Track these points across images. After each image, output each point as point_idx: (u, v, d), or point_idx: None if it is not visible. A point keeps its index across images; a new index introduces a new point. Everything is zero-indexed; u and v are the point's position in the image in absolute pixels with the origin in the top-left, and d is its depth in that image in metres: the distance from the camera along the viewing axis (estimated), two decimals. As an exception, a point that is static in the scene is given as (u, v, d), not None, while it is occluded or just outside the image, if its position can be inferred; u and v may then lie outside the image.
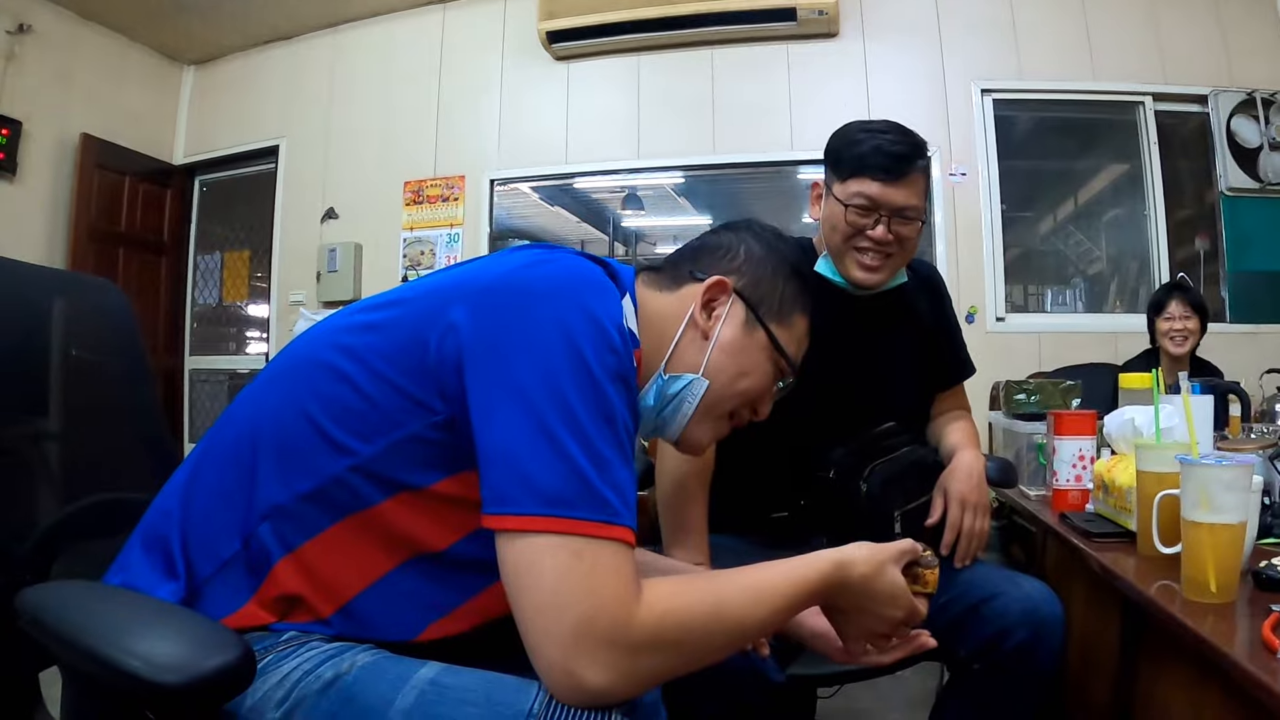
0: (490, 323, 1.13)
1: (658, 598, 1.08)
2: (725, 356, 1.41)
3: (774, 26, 6.29)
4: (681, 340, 1.40)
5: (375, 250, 7.07)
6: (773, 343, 1.44)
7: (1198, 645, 1.32)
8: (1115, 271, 6.50)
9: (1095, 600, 2.10)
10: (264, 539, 1.16)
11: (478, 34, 7.05)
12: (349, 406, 1.17)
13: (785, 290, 1.47)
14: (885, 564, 1.34)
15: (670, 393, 1.40)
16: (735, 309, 1.42)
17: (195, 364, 7.86)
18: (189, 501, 1.22)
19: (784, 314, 1.46)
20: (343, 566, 1.17)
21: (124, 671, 0.91)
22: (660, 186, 7.20)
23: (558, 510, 1.03)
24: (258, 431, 1.22)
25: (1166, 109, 6.10)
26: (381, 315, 1.23)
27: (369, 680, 1.09)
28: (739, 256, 1.47)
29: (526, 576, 1.03)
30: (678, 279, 1.46)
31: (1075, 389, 3.28)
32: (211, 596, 1.16)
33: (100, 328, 1.66)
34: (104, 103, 7.11)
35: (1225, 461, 1.49)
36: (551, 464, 1.05)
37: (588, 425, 1.07)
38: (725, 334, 1.41)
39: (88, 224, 6.90)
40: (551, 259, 1.23)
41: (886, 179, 2.09)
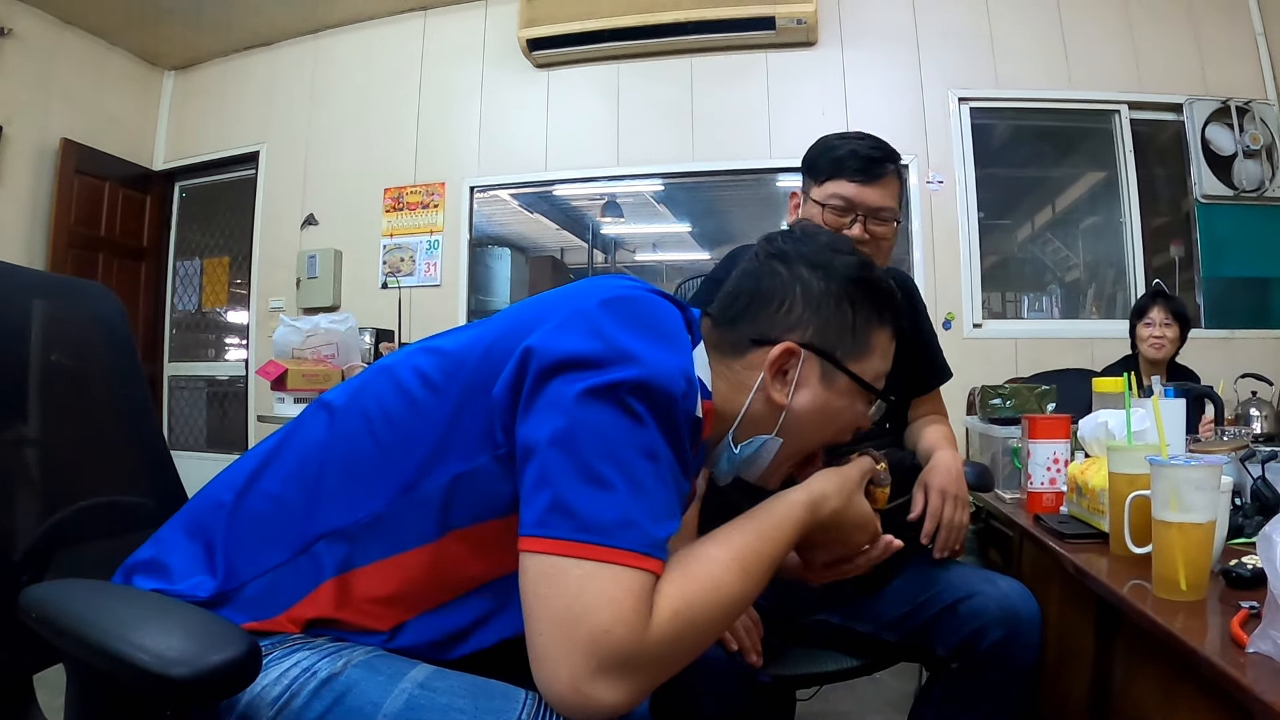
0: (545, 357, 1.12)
1: (668, 597, 1.08)
2: (805, 415, 1.36)
3: (753, 35, 6.31)
4: (751, 409, 1.35)
5: (355, 257, 7.07)
6: (857, 381, 1.38)
7: (1169, 642, 1.34)
8: (1092, 278, 6.54)
9: (1070, 601, 2.12)
10: (323, 555, 1.17)
11: (458, 41, 7.06)
12: (416, 432, 1.18)
13: (857, 316, 1.38)
14: (853, 493, 1.37)
15: (743, 458, 1.39)
16: (809, 365, 1.35)
17: (174, 370, 7.84)
18: (243, 503, 1.23)
19: (860, 344, 1.38)
20: (399, 592, 1.18)
21: (133, 665, 0.93)
22: (640, 194, 7.20)
23: (594, 537, 1.03)
24: (328, 450, 1.23)
25: (1142, 117, 6.15)
26: (460, 343, 1.24)
27: (361, 679, 1.10)
28: (797, 304, 1.36)
29: (546, 585, 1.03)
30: (739, 345, 1.37)
31: (1050, 394, 3.31)
32: (243, 601, 1.17)
33: (94, 332, 1.66)
34: (84, 107, 7.10)
35: (1194, 462, 1.52)
36: (592, 493, 1.05)
37: (629, 458, 1.08)
38: (801, 395, 1.35)
39: (68, 229, 6.88)
40: (630, 298, 1.21)
41: (862, 180, 2.14)
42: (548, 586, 1.03)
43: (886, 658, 2.11)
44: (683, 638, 1.07)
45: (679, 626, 1.06)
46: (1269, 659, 1.15)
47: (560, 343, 1.12)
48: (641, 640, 1.02)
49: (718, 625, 1.14)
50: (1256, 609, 1.30)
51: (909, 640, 2.01)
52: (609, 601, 1.01)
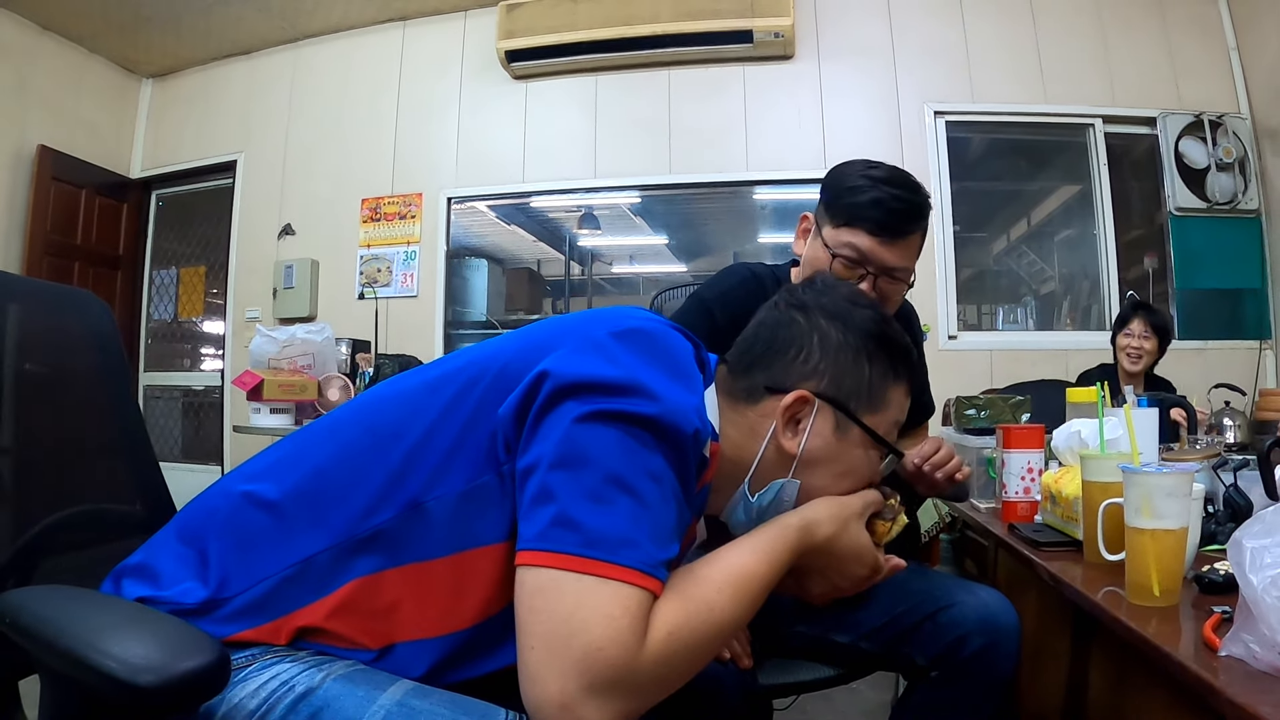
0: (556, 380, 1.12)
1: (663, 618, 1.08)
2: (818, 464, 1.35)
3: (731, 48, 6.34)
4: (764, 459, 1.35)
5: (332, 267, 7.06)
6: (870, 435, 1.37)
7: (1143, 647, 1.35)
8: (1066, 290, 6.59)
9: (1046, 609, 2.13)
10: (328, 565, 1.16)
11: (437, 52, 7.07)
12: (427, 452, 1.18)
13: (874, 371, 1.37)
14: (849, 522, 1.33)
15: (763, 505, 1.37)
16: (823, 415, 1.34)
17: (150, 380, 7.81)
18: (240, 512, 1.22)
19: (876, 398, 1.37)
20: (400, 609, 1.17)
21: (100, 672, 0.93)
22: (617, 206, 7.21)
23: (597, 553, 1.03)
24: (329, 461, 1.22)
25: (1116, 131, 6.22)
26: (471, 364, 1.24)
27: (339, 695, 1.08)
28: (814, 353, 1.36)
29: (542, 599, 1.03)
30: (753, 393, 1.36)
31: (1025, 404, 3.32)
32: (234, 610, 1.16)
33: (85, 340, 1.65)
34: (62, 114, 7.07)
35: (1166, 469, 1.53)
36: (596, 509, 1.05)
37: (635, 479, 1.08)
38: (814, 445, 1.34)
39: (44, 237, 6.84)
40: (647, 331, 1.21)
41: (881, 236, 2.00)
42: (544, 600, 1.03)
43: (864, 667, 2.08)
44: (676, 660, 1.07)
45: (673, 648, 1.06)
46: (1241, 662, 1.17)
47: (576, 366, 1.12)
48: (634, 660, 1.02)
49: (711, 647, 1.14)
50: (1229, 613, 1.31)
51: (888, 649, 1.98)
52: (605, 618, 1.01)
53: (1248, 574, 1.16)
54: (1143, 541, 1.50)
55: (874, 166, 2.06)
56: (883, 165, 2.07)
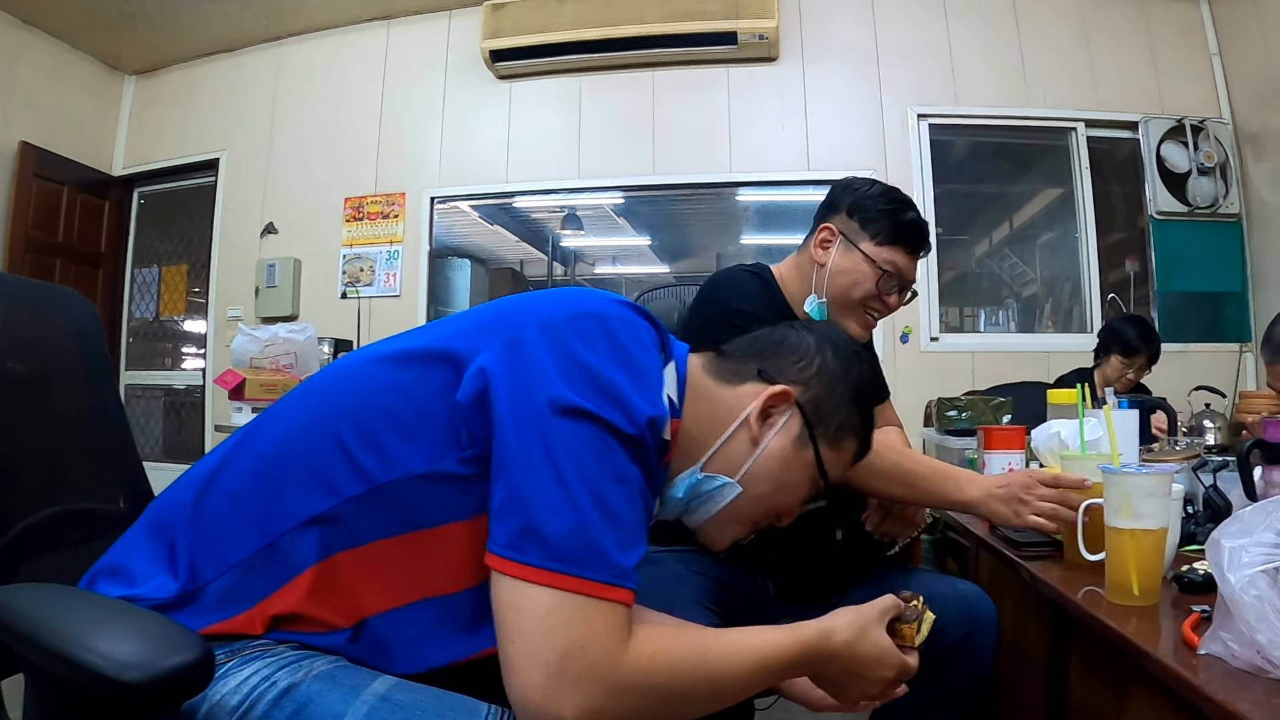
0: (516, 371, 1.12)
1: (649, 638, 1.09)
2: (768, 468, 1.36)
3: (715, 50, 6.34)
4: (729, 441, 1.35)
5: (315, 266, 7.04)
6: (819, 465, 1.38)
7: (1123, 646, 1.35)
8: (1048, 293, 6.61)
9: (1026, 609, 2.14)
10: (291, 547, 1.16)
11: (421, 51, 7.05)
12: (378, 429, 1.17)
13: (847, 416, 1.41)
14: (868, 626, 1.31)
15: (702, 490, 1.36)
16: (792, 422, 1.37)
17: (131, 379, 7.76)
18: (204, 501, 1.21)
19: (838, 437, 1.41)
20: (367, 584, 1.17)
21: (86, 669, 0.92)
22: (600, 207, 7.21)
23: (564, 566, 1.04)
24: (287, 446, 1.21)
25: (1098, 135, 6.25)
26: (425, 342, 1.23)
27: (322, 690, 1.08)
28: (812, 366, 1.40)
29: (520, 602, 1.04)
30: (741, 374, 1.39)
31: (1006, 405, 3.34)
32: (208, 600, 1.15)
33: (67, 338, 1.64)
34: (44, 110, 7.01)
35: (1146, 470, 1.54)
36: (563, 519, 1.05)
37: (602, 485, 1.08)
38: (774, 445, 1.36)
39: (24, 234, 6.79)
40: (594, 313, 1.21)
41: (915, 255, 2.20)
42: (520, 600, 1.04)
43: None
44: (658, 682, 1.08)
45: (656, 667, 1.07)
46: (1219, 660, 1.17)
47: (534, 359, 1.13)
48: (616, 663, 1.04)
49: (697, 689, 1.13)
50: (1208, 612, 1.32)
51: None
52: (584, 622, 1.03)
53: (1226, 573, 1.17)
54: (1122, 541, 1.51)
55: (889, 190, 2.25)
56: (893, 188, 2.27)
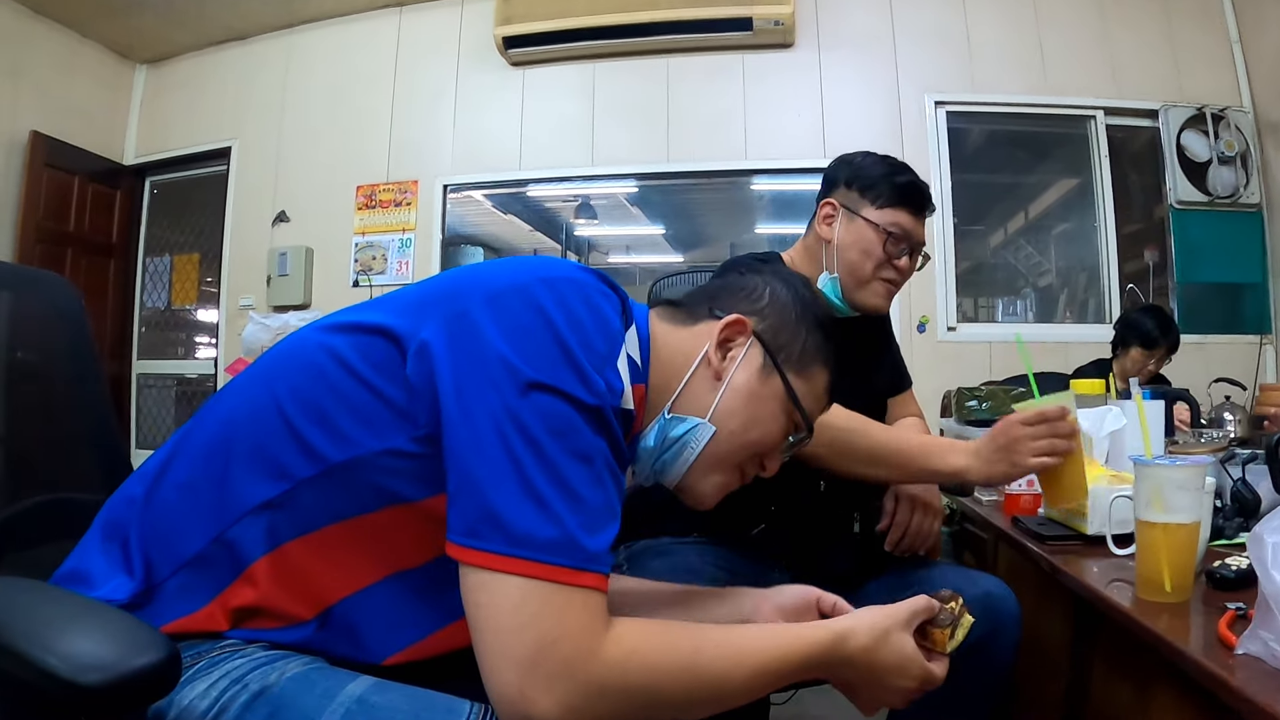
0: (461, 346, 1.08)
1: (627, 634, 1.05)
2: (737, 402, 1.31)
3: (730, 36, 6.29)
4: (692, 380, 1.31)
5: (326, 255, 7.01)
6: (789, 393, 1.34)
7: (1155, 644, 1.32)
8: (1065, 283, 6.56)
9: (1048, 604, 2.11)
10: (242, 538, 1.12)
11: (433, 38, 7.02)
12: (327, 409, 1.13)
13: (808, 340, 1.38)
14: (890, 631, 1.25)
15: (672, 435, 1.31)
16: (753, 352, 1.34)
17: (143, 368, 7.76)
18: (154, 495, 1.18)
19: (804, 364, 1.37)
20: (325, 571, 1.14)
21: (42, 670, 0.89)
22: (614, 195, 7.19)
23: (527, 552, 1.00)
24: (233, 430, 1.18)
25: (1117, 123, 6.18)
26: (370, 319, 1.18)
27: (296, 693, 1.05)
28: (763, 299, 1.39)
29: (488, 599, 1.00)
30: (695, 315, 1.38)
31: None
32: (166, 598, 1.13)
33: (51, 324, 1.61)
34: (55, 100, 7.00)
35: (1179, 462, 1.50)
36: (521, 502, 1.01)
37: (561, 463, 1.04)
38: (739, 378, 1.32)
39: (35, 224, 6.78)
40: (545, 279, 1.15)
41: (918, 215, 2.20)
42: (488, 596, 1.01)
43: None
44: (636, 681, 1.03)
45: (634, 665, 1.03)
46: (1258, 660, 1.14)
47: (479, 332, 1.09)
48: (590, 659, 1.00)
49: (685, 693, 1.08)
50: (1244, 610, 1.29)
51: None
52: (554, 612, 1.00)
53: (1270, 570, 1.13)
54: (1154, 535, 1.47)
55: (884, 157, 2.26)
56: (887, 155, 2.27)
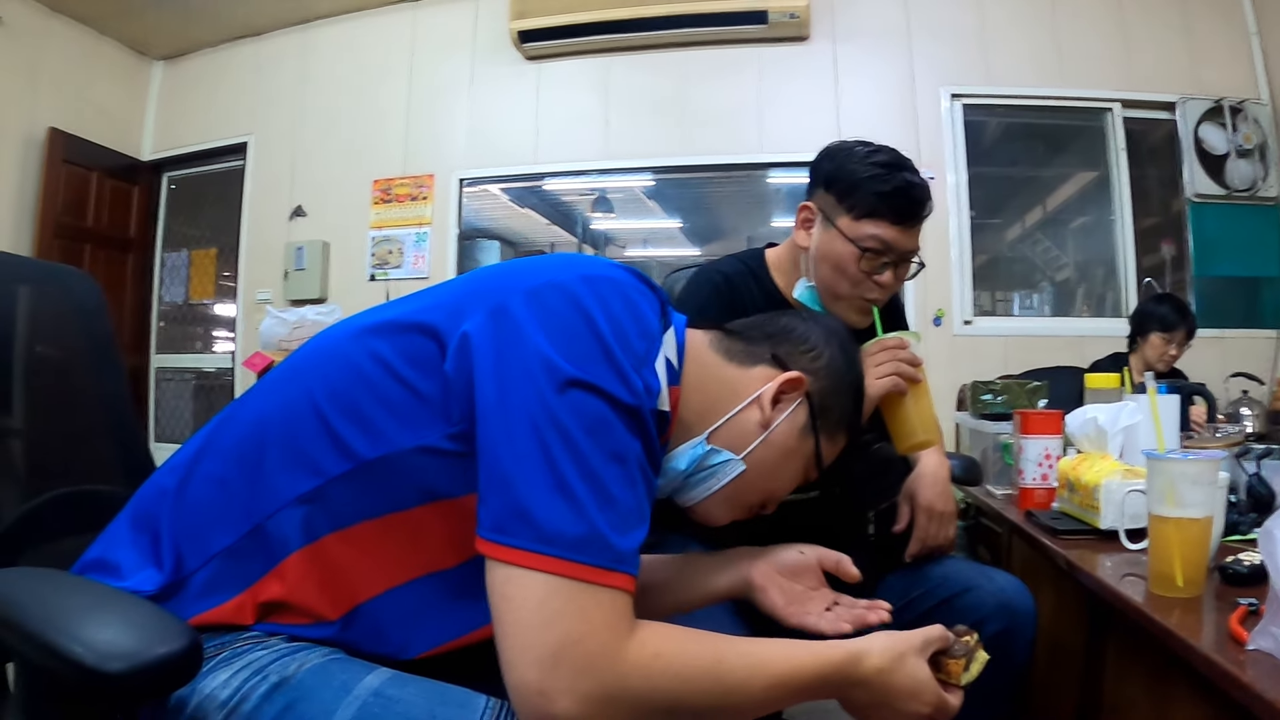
0: (501, 340, 1.08)
1: (652, 637, 1.04)
2: (772, 453, 1.35)
3: (745, 29, 6.28)
4: (737, 418, 1.33)
5: (343, 249, 7.03)
6: (817, 455, 1.38)
7: (1165, 639, 1.32)
8: (1082, 277, 6.53)
9: (1061, 598, 2.10)
10: (279, 530, 1.13)
11: (448, 32, 7.02)
12: (362, 405, 1.14)
13: (845, 408, 1.42)
14: (905, 655, 1.22)
15: (708, 464, 1.33)
16: (799, 411, 1.36)
17: (161, 362, 7.80)
18: (186, 488, 1.19)
19: (836, 430, 1.41)
20: (358, 567, 1.14)
21: (67, 657, 0.89)
22: (630, 189, 7.18)
23: (555, 549, 1.00)
24: (267, 427, 1.18)
25: (1135, 116, 6.14)
26: (410, 316, 1.18)
27: (314, 686, 1.05)
28: (821, 359, 1.40)
29: (514, 593, 1.00)
30: (754, 355, 1.38)
31: (1042, 389, 3.30)
32: (194, 590, 1.13)
33: (70, 318, 1.63)
34: (72, 97, 7.03)
35: (1191, 456, 1.50)
36: (552, 499, 1.01)
37: (595, 462, 1.03)
38: (780, 430, 1.34)
39: (54, 219, 6.81)
40: (585, 277, 1.15)
41: (902, 225, 1.97)
42: (513, 591, 1.00)
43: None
44: (659, 685, 1.03)
45: (659, 669, 1.02)
46: (1269, 656, 1.14)
47: (519, 327, 1.09)
48: (614, 659, 1.00)
49: (705, 697, 1.07)
50: (1255, 606, 1.28)
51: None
52: (578, 611, 0.99)
53: (1280, 564, 1.13)
54: (1166, 530, 1.47)
55: (875, 150, 2.03)
56: (881, 147, 2.04)
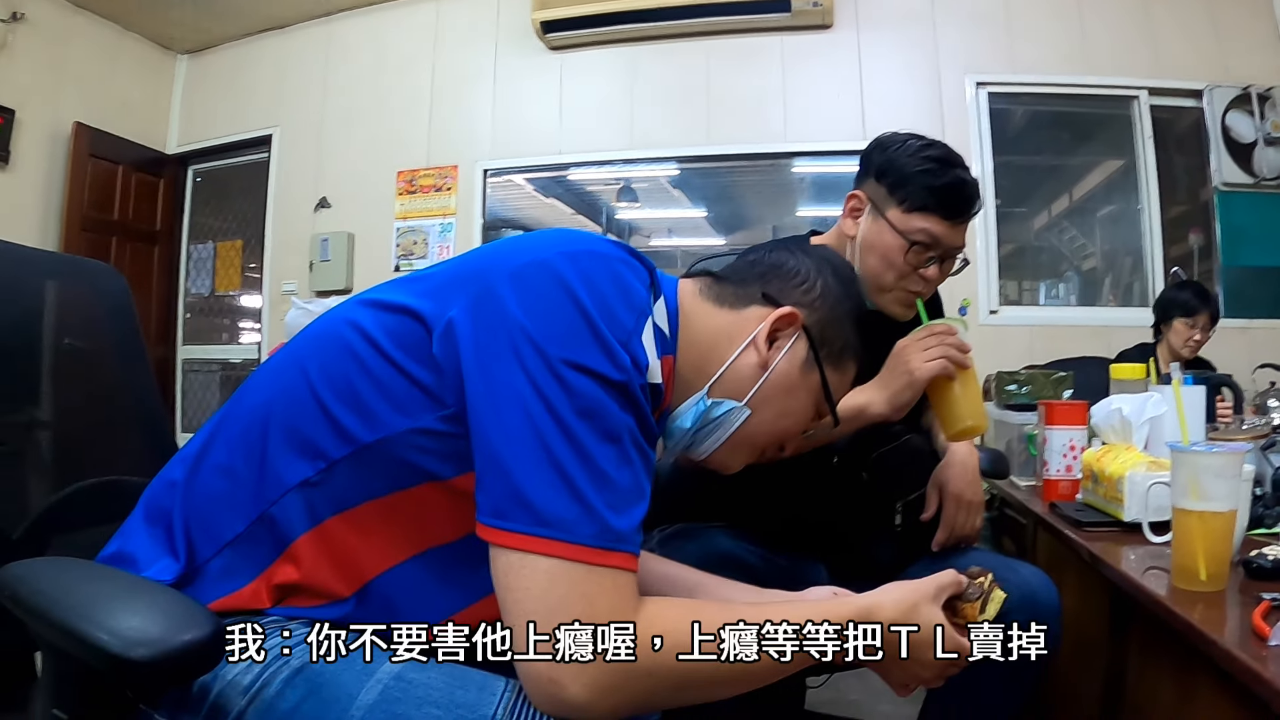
0: (486, 325, 1.08)
1: (659, 614, 1.05)
2: (775, 392, 1.32)
3: (768, 18, 6.26)
4: (735, 364, 1.31)
5: (368, 240, 7.06)
6: (824, 388, 1.36)
7: (1187, 633, 1.31)
8: (1109, 267, 6.49)
9: (1085, 590, 2.09)
10: (284, 515, 1.13)
11: (471, 23, 7.03)
12: (357, 389, 1.13)
13: (848, 336, 1.39)
14: (918, 605, 1.23)
15: (711, 418, 1.31)
16: (798, 345, 1.33)
17: (188, 353, 7.86)
18: (195, 479, 1.20)
19: (841, 359, 1.38)
20: (364, 547, 1.14)
21: (93, 645, 0.90)
22: (655, 179, 7.17)
23: (555, 533, 1.00)
24: (268, 412, 1.18)
25: (1161, 103, 6.08)
26: (397, 299, 1.18)
27: (336, 670, 1.06)
28: (815, 289, 1.37)
29: (517, 581, 1.01)
30: (744, 297, 1.36)
31: (1067, 380, 3.28)
32: (210, 578, 1.14)
33: (97, 312, 1.65)
34: (97, 91, 7.09)
35: (1215, 449, 1.49)
36: (548, 481, 1.01)
37: (588, 442, 1.03)
38: (781, 368, 1.31)
39: (80, 213, 6.88)
40: (568, 253, 1.14)
41: (954, 220, 1.95)
42: (516, 579, 1.01)
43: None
44: (667, 664, 1.03)
45: (667, 647, 1.03)
46: (1293, 651, 1.13)
47: (503, 310, 1.08)
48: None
49: (715, 673, 1.07)
50: (1279, 600, 1.27)
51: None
52: (582, 597, 0.99)
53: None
54: (1189, 523, 1.46)
55: (928, 145, 1.99)
56: (934, 142, 2.01)
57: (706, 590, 1.52)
